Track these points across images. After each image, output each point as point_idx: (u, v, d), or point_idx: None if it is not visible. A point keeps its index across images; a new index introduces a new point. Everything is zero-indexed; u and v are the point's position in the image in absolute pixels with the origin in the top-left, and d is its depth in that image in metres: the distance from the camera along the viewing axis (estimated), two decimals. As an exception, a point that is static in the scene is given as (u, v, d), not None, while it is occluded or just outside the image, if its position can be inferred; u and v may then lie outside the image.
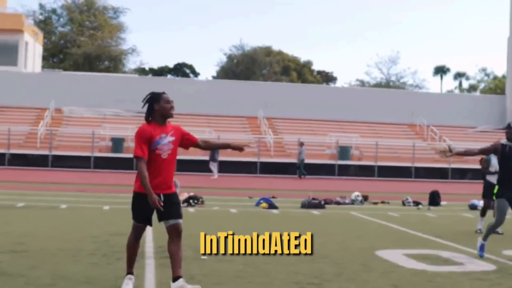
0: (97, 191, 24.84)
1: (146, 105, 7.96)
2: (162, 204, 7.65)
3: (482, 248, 11.33)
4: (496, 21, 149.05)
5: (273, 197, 22.71)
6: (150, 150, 7.69)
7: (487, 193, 16.04)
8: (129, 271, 8.08)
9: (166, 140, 7.79)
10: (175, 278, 7.73)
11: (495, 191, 11.34)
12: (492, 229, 11.40)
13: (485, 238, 11.40)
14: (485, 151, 12.22)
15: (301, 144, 41.64)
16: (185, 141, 8.10)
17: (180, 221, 7.88)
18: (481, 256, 11.19)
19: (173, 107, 7.97)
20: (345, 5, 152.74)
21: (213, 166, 37.65)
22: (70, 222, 15.12)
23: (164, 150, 7.77)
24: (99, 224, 14.74)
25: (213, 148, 8.92)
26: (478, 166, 18.39)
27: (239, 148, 8.52)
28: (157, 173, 7.75)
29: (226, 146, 8.79)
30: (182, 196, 20.77)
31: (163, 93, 8.01)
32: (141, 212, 7.96)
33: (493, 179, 15.79)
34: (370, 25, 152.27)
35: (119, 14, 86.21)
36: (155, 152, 7.71)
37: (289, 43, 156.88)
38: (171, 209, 7.81)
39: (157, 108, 7.85)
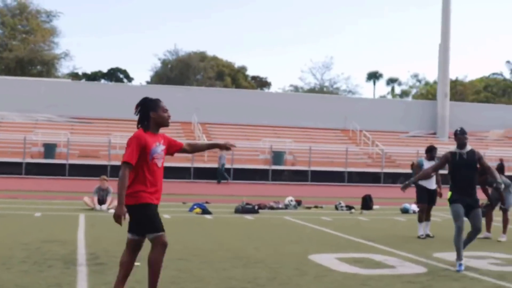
0: (29, 198, 24.48)
1: (136, 112, 7.65)
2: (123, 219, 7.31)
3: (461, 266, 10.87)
4: (428, 28, 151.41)
5: (207, 203, 22.68)
6: (148, 159, 7.37)
7: (420, 198, 16.19)
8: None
9: (159, 149, 7.51)
10: None
11: (449, 197, 11.24)
12: (458, 240, 11.01)
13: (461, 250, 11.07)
14: (438, 167, 12.03)
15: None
16: (172, 147, 7.78)
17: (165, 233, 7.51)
18: (458, 271, 10.63)
19: (170, 116, 7.70)
20: (280, 11, 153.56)
21: None
22: (1, 229, 14.85)
23: (159, 159, 7.48)
24: (30, 231, 14.51)
25: (199, 150, 8.57)
26: (409, 171, 18.73)
27: (225, 147, 8.19)
28: (155, 183, 7.45)
29: (213, 146, 8.44)
30: (115, 202, 20.60)
31: (159, 100, 7.73)
32: (160, 219, 7.47)
33: (425, 183, 15.98)
34: (304, 31, 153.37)
35: (52, 18, 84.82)
36: (153, 161, 7.40)
37: (224, 49, 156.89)
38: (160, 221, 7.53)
39: (153, 116, 7.55)
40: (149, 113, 7.56)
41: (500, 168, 16.26)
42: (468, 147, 11.29)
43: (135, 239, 7.55)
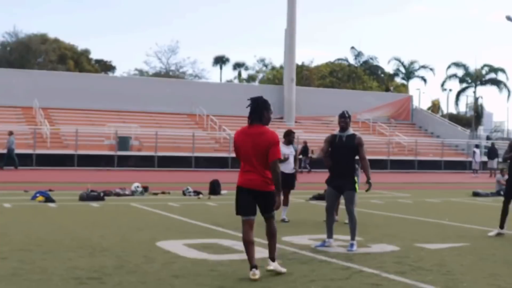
0: None
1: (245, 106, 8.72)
2: None
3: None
4: (274, 13, 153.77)
5: (50, 190, 22.01)
6: None
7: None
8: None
9: None
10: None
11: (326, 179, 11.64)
12: (326, 220, 11.73)
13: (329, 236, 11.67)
14: (324, 149, 11.73)
15: (10, 133, 40.22)
16: None
17: None
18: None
19: None
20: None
21: None
22: None
23: None
24: None
25: None
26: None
27: None
28: None
29: None
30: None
31: (269, 102, 8.90)
32: None
33: (283, 167, 15.92)
34: (149, 14, 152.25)
35: None
36: None
37: (66, 31, 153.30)
38: None
39: (265, 116, 8.81)
40: (263, 112, 8.78)
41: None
42: (350, 131, 11.48)
43: (252, 219, 8.89)
